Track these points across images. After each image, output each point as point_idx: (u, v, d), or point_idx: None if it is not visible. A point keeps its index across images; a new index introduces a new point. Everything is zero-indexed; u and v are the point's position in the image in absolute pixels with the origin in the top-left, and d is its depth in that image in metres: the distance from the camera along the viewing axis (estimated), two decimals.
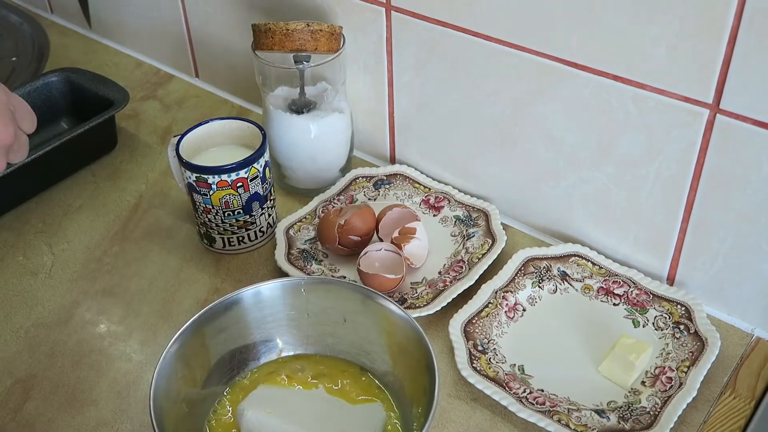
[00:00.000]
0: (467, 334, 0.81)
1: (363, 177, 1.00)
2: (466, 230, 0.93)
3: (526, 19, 0.81)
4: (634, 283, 0.85)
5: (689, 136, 0.76)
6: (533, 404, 0.74)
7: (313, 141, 0.96)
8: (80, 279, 0.92)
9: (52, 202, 1.02)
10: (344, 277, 0.88)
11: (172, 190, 1.03)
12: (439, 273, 0.89)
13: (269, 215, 0.93)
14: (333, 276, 0.88)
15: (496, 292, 0.84)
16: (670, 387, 0.75)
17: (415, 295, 0.86)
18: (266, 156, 0.90)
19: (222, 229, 0.91)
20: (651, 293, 0.83)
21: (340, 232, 0.88)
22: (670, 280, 0.86)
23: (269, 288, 0.76)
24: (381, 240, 0.90)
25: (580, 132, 0.84)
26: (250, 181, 0.88)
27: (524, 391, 0.76)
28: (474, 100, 0.91)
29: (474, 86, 0.90)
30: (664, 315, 0.82)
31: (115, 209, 1.01)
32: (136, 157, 1.09)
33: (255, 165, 0.88)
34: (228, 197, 0.88)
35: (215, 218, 0.90)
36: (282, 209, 0.98)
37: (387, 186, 0.99)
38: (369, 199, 0.98)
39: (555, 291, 0.86)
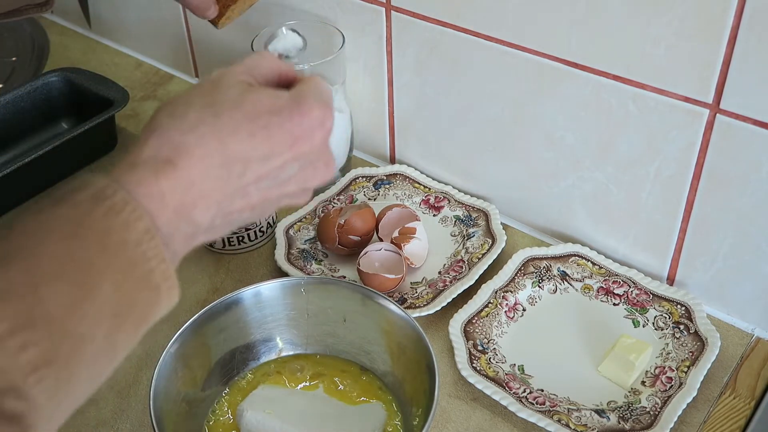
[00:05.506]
0: (467, 334, 0.80)
1: (363, 177, 1.00)
2: (466, 230, 0.93)
3: (526, 19, 0.81)
4: (634, 283, 0.85)
5: (689, 136, 0.76)
6: (533, 404, 0.74)
7: None
8: None
9: None
10: (344, 277, 0.88)
11: None
12: (439, 273, 0.89)
13: (269, 215, 0.93)
14: (333, 276, 0.88)
15: (496, 292, 0.84)
16: (670, 387, 0.75)
17: (415, 295, 0.86)
18: None
19: None
20: (651, 293, 0.83)
21: (340, 232, 0.88)
22: (670, 280, 0.86)
23: (269, 288, 0.76)
24: (381, 240, 0.90)
25: (580, 132, 0.84)
26: None
27: (524, 391, 0.76)
28: (474, 100, 0.91)
29: (474, 86, 0.90)
30: (664, 315, 0.82)
31: None
32: None
33: None
34: None
35: None
36: (282, 209, 0.98)
37: (387, 186, 0.99)
38: (369, 199, 0.98)
39: (555, 291, 0.86)
